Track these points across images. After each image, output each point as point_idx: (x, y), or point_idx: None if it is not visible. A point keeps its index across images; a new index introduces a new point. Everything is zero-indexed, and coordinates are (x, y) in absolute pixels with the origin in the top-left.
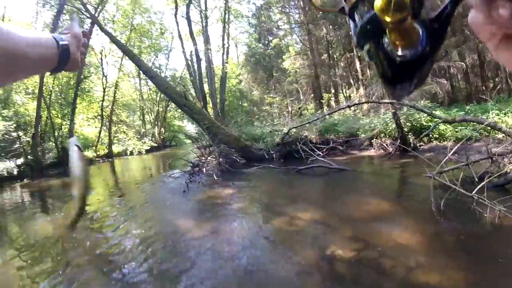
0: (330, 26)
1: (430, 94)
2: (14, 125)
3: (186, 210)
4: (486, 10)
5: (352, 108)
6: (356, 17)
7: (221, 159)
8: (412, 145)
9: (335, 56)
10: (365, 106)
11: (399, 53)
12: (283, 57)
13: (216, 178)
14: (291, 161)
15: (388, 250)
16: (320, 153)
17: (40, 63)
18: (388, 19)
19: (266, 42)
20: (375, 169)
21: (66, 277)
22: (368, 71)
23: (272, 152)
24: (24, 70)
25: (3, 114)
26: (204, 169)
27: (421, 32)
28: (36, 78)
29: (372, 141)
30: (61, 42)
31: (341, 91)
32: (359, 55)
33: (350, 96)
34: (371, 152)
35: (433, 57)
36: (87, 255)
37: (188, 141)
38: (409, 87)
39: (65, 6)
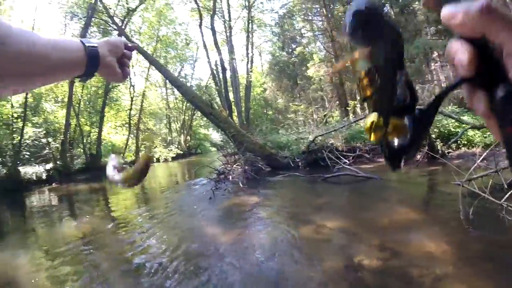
0: None
1: (458, 99)
2: (44, 131)
3: (212, 217)
4: (470, 100)
5: None
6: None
7: (246, 167)
8: (440, 152)
9: None
10: None
11: (391, 144)
12: (307, 64)
13: (242, 185)
14: (317, 169)
15: (415, 259)
16: (347, 161)
17: (63, 66)
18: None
19: (290, 50)
20: (403, 177)
21: (90, 279)
22: None
23: (297, 160)
24: (44, 73)
25: (33, 121)
26: (230, 177)
27: (408, 126)
28: (66, 87)
29: None
30: (87, 44)
31: None
32: None
33: None
34: None
35: (420, 141)
36: (112, 259)
37: (214, 149)
38: (399, 163)
39: (93, 19)
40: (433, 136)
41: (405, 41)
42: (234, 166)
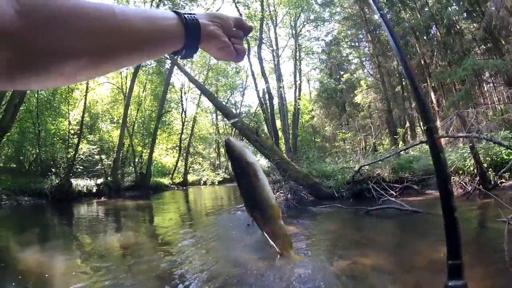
0: None
1: (510, 123)
2: (98, 149)
3: (248, 244)
4: None
5: None
6: None
7: (289, 195)
8: (492, 182)
9: (409, 88)
10: (443, 141)
11: None
12: (355, 91)
13: (282, 213)
14: (361, 200)
15: None
16: (393, 193)
17: (154, 38)
18: None
19: (338, 77)
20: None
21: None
22: (444, 101)
23: (342, 190)
24: (131, 49)
25: (88, 139)
26: None
27: None
28: (121, 109)
29: (450, 179)
30: (184, 12)
31: (418, 124)
32: (433, 85)
33: None
34: None
35: None
36: (148, 273)
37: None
38: None
39: None
40: (485, 165)
41: (452, 63)
42: (277, 193)
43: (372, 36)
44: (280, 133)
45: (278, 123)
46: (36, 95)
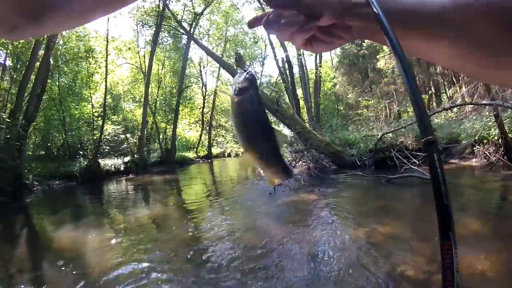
0: None
1: None
2: (123, 128)
3: (270, 212)
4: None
5: (454, 110)
6: None
7: (311, 164)
8: None
9: None
10: (467, 108)
11: None
12: (377, 56)
13: (303, 182)
14: (383, 169)
15: (468, 277)
16: (416, 161)
17: None
18: None
19: (359, 42)
20: (475, 181)
21: (153, 259)
22: None
23: (364, 158)
24: None
25: (112, 119)
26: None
27: None
28: (142, 88)
29: (474, 148)
30: None
31: (443, 91)
32: None
33: (452, 96)
34: (472, 161)
35: None
36: (175, 243)
37: (285, 145)
38: None
39: (163, 25)
40: (510, 135)
41: None
42: (300, 163)
43: None
44: (301, 102)
45: (300, 92)
46: (57, 83)
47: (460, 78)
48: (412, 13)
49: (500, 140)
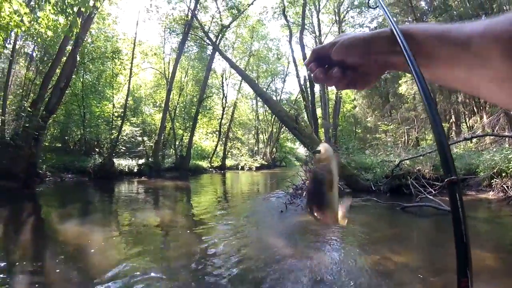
0: None
1: None
2: (141, 131)
3: (279, 230)
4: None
5: (474, 140)
6: None
7: None
8: None
9: None
10: (488, 139)
11: None
12: (400, 81)
13: None
14: (398, 196)
15: None
16: (432, 190)
17: None
18: None
19: None
20: (490, 215)
21: (153, 262)
22: None
23: (379, 184)
24: None
25: (131, 121)
26: (305, 193)
27: None
28: (163, 94)
29: (492, 181)
30: None
31: (463, 120)
32: None
33: (472, 127)
34: (490, 194)
35: None
36: (178, 250)
37: (298, 163)
38: None
39: (189, 34)
40: None
41: None
42: None
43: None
44: (320, 122)
45: (319, 111)
46: (81, 79)
47: (481, 108)
48: (437, 43)
49: None
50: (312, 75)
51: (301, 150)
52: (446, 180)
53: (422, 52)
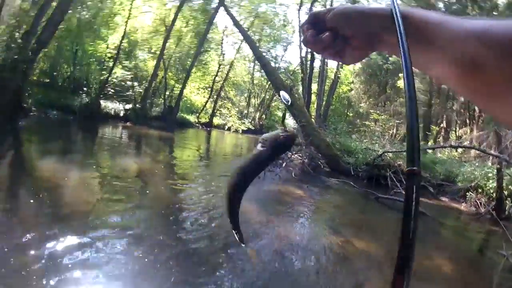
0: None
1: None
2: (132, 75)
3: (254, 196)
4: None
5: (459, 150)
6: None
7: (306, 160)
8: (506, 213)
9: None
10: (473, 152)
11: None
12: (400, 74)
13: (294, 176)
14: (375, 185)
15: None
16: None
17: None
18: None
19: (386, 55)
20: (458, 226)
21: (129, 212)
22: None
23: (359, 170)
24: None
25: (124, 64)
26: (286, 164)
27: None
28: (160, 40)
29: (467, 193)
30: None
31: (454, 128)
32: None
33: (461, 137)
34: (462, 205)
35: None
36: (153, 198)
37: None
38: None
39: None
40: (506, 192)
41: None
42: (295, 155)
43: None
44: (313, 98)
45: (315, 86)
46: (77, 15)
47: (474, 121)
48: (436, 30)
49: (494, 194)
50: (303, 37)
51: (290, 121)
52: (407, 169)
53: (418, 37)
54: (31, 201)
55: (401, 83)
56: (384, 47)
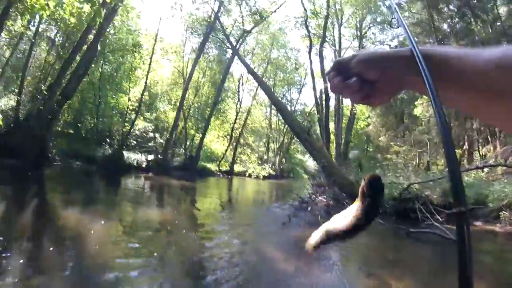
0: None
1: None
2: (153, 127)
3: (280, 242)
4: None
5: (486, 170)
6: None
7: (331, 202)
8: None
9: None
10: (499, 170)
11: None
12: (416, 103)
13: (320, 219)
14: (404, 220)
15: None
16: (439, 218)
17: None
18: None
19: None
20: (495, 248)
21: (152, 262)
22: None
23: (386, 206)
24: None
25: (145, 116)
26: (311, 207)
27: None
28: (179, 92)
29: (500, 213)
30: None
31: (476, 148)
32: None
33: (485, 155)
34: (497, 226)
35: None
36: (178, 251)
37: (306, 175)
38: None
39: (211, 36)
40: None
41: None
42: (319, 198)
43: (440, 45)
44: (332, 137)
45: (332, 126)
46: (100, 69)
47: (495, 137)
48: (457, 65)
49: None
50: (330, 84)
51: (310, 163)
52: (455, 210)
53: (440, 74)
54: (54, 251)
55: (417, 111)
56: (410, 86)
